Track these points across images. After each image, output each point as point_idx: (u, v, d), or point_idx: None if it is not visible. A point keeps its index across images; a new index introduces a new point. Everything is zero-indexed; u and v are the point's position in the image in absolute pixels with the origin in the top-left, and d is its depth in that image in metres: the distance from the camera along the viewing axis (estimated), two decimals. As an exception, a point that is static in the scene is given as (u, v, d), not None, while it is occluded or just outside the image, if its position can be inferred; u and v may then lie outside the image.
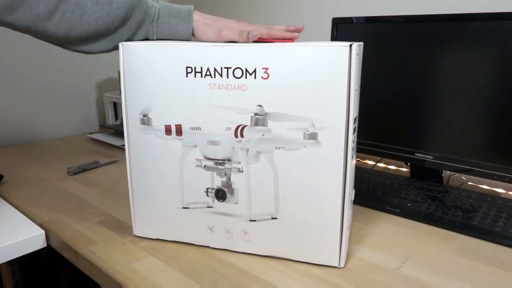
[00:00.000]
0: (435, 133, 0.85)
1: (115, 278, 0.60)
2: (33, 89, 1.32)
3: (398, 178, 0.93)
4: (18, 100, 1.29)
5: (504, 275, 0.61)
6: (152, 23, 0.69)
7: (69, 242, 0.69)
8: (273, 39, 0.67)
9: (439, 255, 0.66)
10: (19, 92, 1.29)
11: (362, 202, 0.83)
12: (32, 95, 1.32)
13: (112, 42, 0.67)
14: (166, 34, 0.70)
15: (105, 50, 0.68)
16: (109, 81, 1.50)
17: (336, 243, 0.61)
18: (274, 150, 0.59)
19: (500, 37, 0.75)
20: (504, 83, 0.76)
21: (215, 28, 0.68)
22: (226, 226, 0.65)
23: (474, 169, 0.81)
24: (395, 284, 0.58)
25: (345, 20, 0.92)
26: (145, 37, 0.69)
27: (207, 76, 0.59)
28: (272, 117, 0.58)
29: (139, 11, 0.66)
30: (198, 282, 0.59)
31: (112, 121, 1.39)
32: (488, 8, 0.91)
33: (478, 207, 0.79)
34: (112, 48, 0.68)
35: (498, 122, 0.78)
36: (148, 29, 0.68)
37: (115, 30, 0.66)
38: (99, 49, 0.67)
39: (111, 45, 0.67)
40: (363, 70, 0.87)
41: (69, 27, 0.62)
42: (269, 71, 0.57)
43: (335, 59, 0.54)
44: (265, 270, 0.62)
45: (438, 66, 0.82)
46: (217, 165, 0.63)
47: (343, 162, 0.57)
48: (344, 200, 0.59)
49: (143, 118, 0.64)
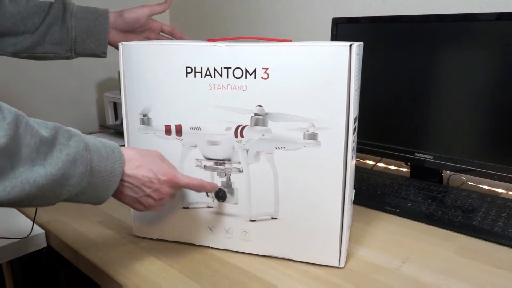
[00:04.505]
0: (435, 133, 0.85)
1: (115, 278, 0.60)
2: (33, 89, 1.32)
3: (398, 178, 0.93)
4: (18, 100, 1.29)
5: (504, 275, 0.61)
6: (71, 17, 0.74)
7: (69, 242, 0.69)
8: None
9: (439, 255, 0.66)
10: (19, 92, 1.29)
11: (362, 202, 0.83)
12: (32, 95, 1.32)
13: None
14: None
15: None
16: (109, 81, 1.50)
17: (336, 243, 0.61)
18: (274, 150, 0.59)
19: (500, 37, 0.75)
20: (504, 83, 0.76)
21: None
22: (226, 226, 0.65)
23: (474, 169, 0.81)
24: (395, 284, 0.58)
25: (345, 20, 0.92)
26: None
27: (207, 76, 0.59)
28: (272, 117, 0.58)
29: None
30: (198, 282, 0.59)
31: (112, 121, 1.39)
32: (488, 8, 0.91)
33: (478, 207, 0.79)
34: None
35: (498, 122, 0.77)
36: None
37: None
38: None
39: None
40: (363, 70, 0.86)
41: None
42: (269, 71, 0.56)
43: (335, 59, 0.54)
44: (265, 270, 0.62)
45: (438, 66, 0.82)
46: (217, 165, 0.63)
47: (343, 162, 0.57)
48: (344, 200, 0.59)
49: (143, 118, 0.64)
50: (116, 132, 1.35)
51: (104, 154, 0.50)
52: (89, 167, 0.48)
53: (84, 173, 0.47)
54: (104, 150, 0.50)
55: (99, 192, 0.51)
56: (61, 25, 0.74)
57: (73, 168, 0.46)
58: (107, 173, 0.50)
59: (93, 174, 0.48)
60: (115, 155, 0.52)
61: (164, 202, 0.58)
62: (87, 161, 0.47)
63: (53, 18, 0.74)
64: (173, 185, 0.57)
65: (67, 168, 0.45)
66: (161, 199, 0.57)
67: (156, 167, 0.56)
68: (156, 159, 0.57)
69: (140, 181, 0.54)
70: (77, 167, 0.46)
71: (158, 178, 0.55)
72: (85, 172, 0.47)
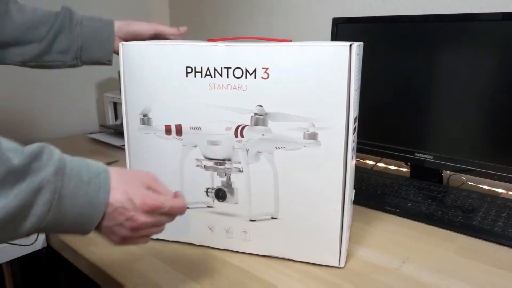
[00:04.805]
0: (435, 133, 0.85)
1: (115, 278, 0.60)
2: (33, 89, 1.32)
3: (398, 178, 0.93)
4: (18, 100, 1.29)
5: (504, 275, 0.61)
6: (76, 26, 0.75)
7: (69, 242, 0.69)
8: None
9: (439, 255, 0.66)
10: (19, 92, 1.29)
11: (362, 202, 0.83)
12: (32, 95, 1.32)
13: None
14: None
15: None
16: (109, 81, 1.50)
17: (336, 243, 0.61)
18: (274, 150, 0.59)
19: (500, 37, 0.75)
20: (504, 83, 0.76)
21: None
22: (226, 226, 0.65)
23: (474, 169, 0.81)
24: (395, 284, 0.58)
25: (345, 20, 0.92)
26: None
27: (207, 76, 0.59)
28: (272, 117, 0.58)
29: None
30: (198, 282, 0.59)
31: (112, 121, 1.39)
32: (488, 8, 0.91)
33: (478, 207, 0.79)
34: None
35: (498, 122, 0.77)
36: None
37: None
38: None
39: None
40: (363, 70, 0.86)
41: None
42: (269, 71, 0.56)
43: (335, 59, 0.54)
44: (265, 270, 0.62)
45: (438, 66, 0.82)
46: (217, 165, 0.63)
47: (343, 162, 0.57)
48: (344, 200, 0.59)
49: (143, 118, 0.64)
50: (116, 132, 1.35)
51: (85, 179, 0.42)
52: (57, 194, 0.40)
53: (51, 201, 0.40)
54: (86, 175, 0.43)
55: (82, 222, 0.43)
56: (68, 33, 0.74)
57: (36, 196, 0.39)
58: (88, 200, 0.42)
59: (64, 202, 0.41)
60: (100, 180, 0.43)
61: (143, 233, 0.48)
62: (55, 187, 0.40)
63: (60, 27, 0.74)
64: (150, 211, 0.46)
65: (28, 198, 0.38)
66: (136, 230, 0.46)
67: (133, 189, 0.46)
68: (136, 181, 0.47)
69: (112, 207, 0.44)
70: (43, 194, 0.39)
71: (133, 202, 0.45)
72: (51, 200, 0.40)
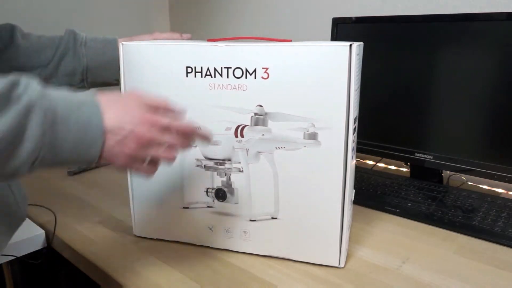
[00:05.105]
0: (435, 133, 0.85)
1: (115, 278, 0.60)
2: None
3: (398, 178, 0.93)
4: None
5: (504, 275, 0.61)
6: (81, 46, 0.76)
7: (69, 242, 0.69)
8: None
9: (439, 255, 0.66)
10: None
11: (362, 202, 0.83)
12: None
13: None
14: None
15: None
16: (109, 81, 1.50)
17: (336, 243, 0.61)
18: (274, 150, 0.59)
19: (500, 37, 0.75)
20: (504, 83, 0.76)
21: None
22: (226, 226, 0.65)
23: (474, 169, 0.81)
24: (395, 284, 0.58)
25: (345, 20, 0.92)
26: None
27: (207, 76, 0.59)
28: (272, 117, 0.58)
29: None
30: (198, 282, 0.59)
31: (112, 121, 1.38)
32: (488, 8, 0.91)
33: (478, 207, 0.79)
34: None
35: (498, 122, 0.77)
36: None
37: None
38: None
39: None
40: (363, 70, 0.86)
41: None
42: (269, 71, 0.56)
43: (335, 59, 0.54)
44: (265, 270, 0.62)
45: (438, 66, 0.82)
46: (217, 165, 0.63)
47: (343, 162, 0.57)
48: (344, 200, 0.59)
49: (143, 118, 0.64)
50: (116, 132, 1.34)
51: (74, 101, 0.42)
52: (49, 117, 0.38)
53: (43, 122, 0.38)
54: (75, 98, 0.42)
55: (83, 148, 0.41)
56: (73, 55, 0.75)
57: (28, 118, 0.37)
58: (83, 121, 0.41)
59: (57, 126, 0.39)
60: (93, 101, 0.43)
61: (150, 152, 0.46)
62: (44, 108, 0.38)
63: (65, 49, 0.75)
64: (152, 123, 0.45)
65: (19, 120, 0.37)
66: (141, 145, 0.44)
67: (128, 107, 0.45)
68: (128, 100, 0.46)
69: (110, 123, 0.43)
70: (33, 116, 0.37)
71: (131, 116, 0.44)
72: (43, 121, 0.38)
